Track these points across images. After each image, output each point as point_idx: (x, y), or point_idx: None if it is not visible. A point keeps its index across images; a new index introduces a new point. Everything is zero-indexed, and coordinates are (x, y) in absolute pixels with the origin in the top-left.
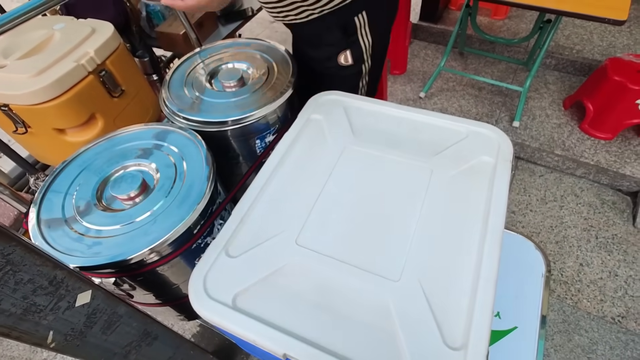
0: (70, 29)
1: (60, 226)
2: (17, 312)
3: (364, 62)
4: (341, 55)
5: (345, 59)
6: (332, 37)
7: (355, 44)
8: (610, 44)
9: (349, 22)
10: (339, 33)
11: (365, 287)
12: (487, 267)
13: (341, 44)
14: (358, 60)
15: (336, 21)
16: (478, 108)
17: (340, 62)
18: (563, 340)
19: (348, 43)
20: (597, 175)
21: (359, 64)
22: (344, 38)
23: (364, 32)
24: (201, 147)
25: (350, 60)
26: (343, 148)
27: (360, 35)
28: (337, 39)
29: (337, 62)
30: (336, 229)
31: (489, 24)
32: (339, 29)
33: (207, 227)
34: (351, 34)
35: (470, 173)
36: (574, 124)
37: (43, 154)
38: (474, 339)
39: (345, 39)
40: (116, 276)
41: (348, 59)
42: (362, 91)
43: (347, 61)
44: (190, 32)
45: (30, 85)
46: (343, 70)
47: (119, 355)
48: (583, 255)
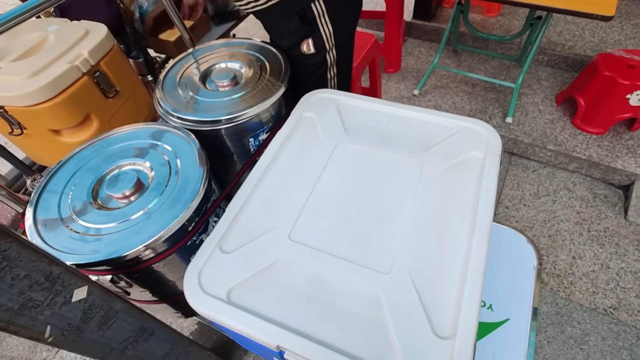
0: (64, 30)
1: (56, 225)
2: (14, 307)
3: (327, 52)
4: (303, 43)
5: (308, 47)
6: (291, 24)
7: (315, 32)
8: (602, 39)
9: (307, 9)
10: (298, 21)
11: (357, 280)
12: (475, 259)
13: (302, 32)
14: (320, 49)
15: (294, 8)
16: (472, 105)
17: (303, 50)
18: (556, 332)
19: (309, 31)
20: (589, 170)
21: (322, 52)
22: (304, 26)
23: (324, 20)
24: (195, 145)
25: (312, 48)
26: (335, 145)
27: (320, 24)
28: (297, 26)
29: (300, 50)
30: (328, 224)
31: (482, 21)
32: (298, 16)
33: (201, 224)
34: (311, 22)
35: (460, 167)
36: (566, 119)
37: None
38: (462, 329)
39: (305, 27)
40: (113, 273)
41: (310, 48)
42: (331, 83)
43: (310, 49)
44: (184, 32)
45: (25, 86)
46: (308, 59)
47: (116, 350)
48: (575, 248)
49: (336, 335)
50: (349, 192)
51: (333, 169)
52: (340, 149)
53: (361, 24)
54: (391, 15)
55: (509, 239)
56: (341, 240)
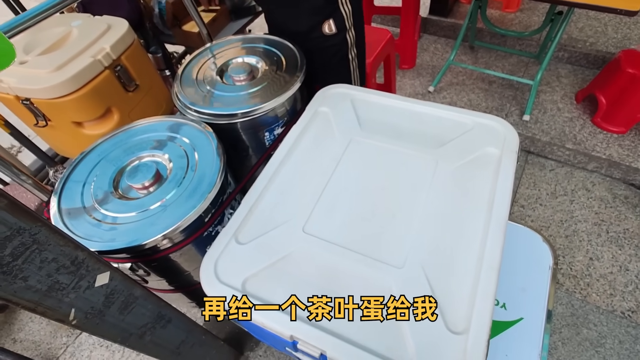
0: (87, 25)
1: (79, 214)
2: (42, 288)
3: (347, 31)
4: (325, 24)
5: (329, 27)
6: (315, 3)
7: (337, 11)
8: (625, 36)
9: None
10: (322, 0)
11: (370, 273)
12: (490, 255)
13: (324, 12)
14: (341, 29)
15: None
16: (488, 102)
17: (325, 32)
18: (571, 333)
19: (330, 10)
20: (609, 170)
21: (342, 32)
22: (326, 6)
23: (344, 0)
24: (212, 139)
25: (334, 28)
26: (350, 140)
27: (341, 3)
28: (320, 6)
29: (322, 31)
30: (342, 217)
31: (500, 17)
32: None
33: (217, 216)
34: (333, 2)
35: (475, 164)
36: (586, 117)
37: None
38: (475, 324)
39: (327, 7)
40: (132, 261)
41: (332, 28)
42: (353, 64)
43: (331, 30)
44: (202, 27)
45: (50, 80)
46: (329, 40)
47: (135, 335)
48: (593, 249)
49: (350, 328)
50: (363, 186)
51: (347, 164)
52: (355, 144)
53: (376, 20)
54: (407, 10)
55: (524, 237)
56: (355, 234)
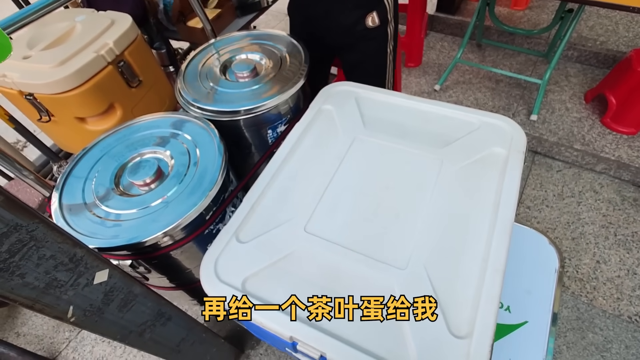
0: (91, 20)
1: (80, 210)
2: (40, 285)
3: (388, 23)
4: (369, 16)
5: (373, 20)
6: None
7: (381, 4)
8: (637, 34)
9: None
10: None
11: (372, 274)
12: (495, 257)
13: (369, 5)
14: (384, 22)
15: None
16: (495, 101)
17: (368, 24)
18: (576, 337)
19: (375, 3)
20: (618, 171)
21: (384, 25)
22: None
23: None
24: (214, 136)
25: (377, 21)
26: (353, 138)
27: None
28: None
29: (365, 24)
30: (344, 217)
31: (509, 15)
32: None
33: (219, 213)
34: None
35: (481, 164)
36: (595, 117)
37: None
38: (479, 328)
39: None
40: (132, 258)
41: (375, 20)
42: (389, 58)
43: (375, 22)
44: (206, 23)
45: (53, 75)
46: (371, 33)
47: (135, 333)
48: (600, 252)
49: (350, 329)
50: (366, 185)
51: (350, 163)
52: (358, 143)
53: None
54: (414, 8)
55: (529, 239)
56: (357, 234)
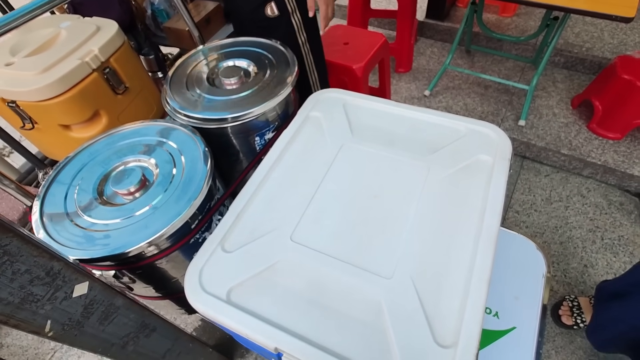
0: (76, 27)
1: (62, 219)
2: (14, 301)
3: (290, 14)
4: (267, 6)
5: (272, 10)
6: None
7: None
8: (622, 41)
9: None
10: None
11: (358, 284)
12: (480, 266)
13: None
14: (284, 12)
15: None
16: (484, 107)
17: (267, 14)
18: (564, 342)
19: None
20: (605, 176)
21: (285, 14)
22: None
23: None
24: (200, 144)
25: (276, 11)
26: (341, 146)
27: None
28: None
29: (265, 13)
30: (331, 226)
31: (497, 22)
32: None
33: (205, 222)
34: None
35: (467, 171)
36: (581, 123)
37: (50, 149)
38: (464, 338)
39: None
40: (116, 269)
41: (274, 10)
42: (304, 49)
43: (274, 12)
44: (194, 29)
45: (36, 82)
46: (274, 22)
47: (117, 345)
48: (588, 256)
49: (335, 340)
50: (353, 193)
51: (338, 170)
52: (346, 150)
53: (372, 23)
54: (403, 14)
55: (517, 245)
56: (343, 243)
